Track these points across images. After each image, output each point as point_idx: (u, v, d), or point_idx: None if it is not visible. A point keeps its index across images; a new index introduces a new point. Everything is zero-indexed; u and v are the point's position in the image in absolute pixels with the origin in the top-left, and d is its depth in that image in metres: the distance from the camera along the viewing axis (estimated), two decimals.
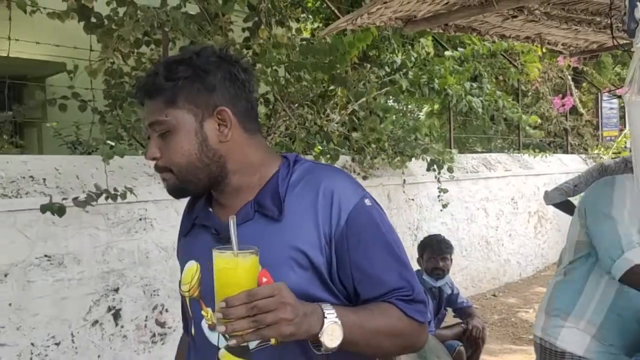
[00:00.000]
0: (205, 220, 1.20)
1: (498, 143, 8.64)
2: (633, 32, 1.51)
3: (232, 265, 0.96)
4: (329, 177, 1.14)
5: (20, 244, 2.69)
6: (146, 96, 1.14)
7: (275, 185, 1.14)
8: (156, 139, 1.13)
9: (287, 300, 0.94)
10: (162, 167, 1.14)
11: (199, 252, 1.18)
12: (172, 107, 1.11)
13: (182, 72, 1.11)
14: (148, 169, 3.33)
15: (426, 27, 2.28)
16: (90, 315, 2.92)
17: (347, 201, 1.11)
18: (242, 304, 0.92)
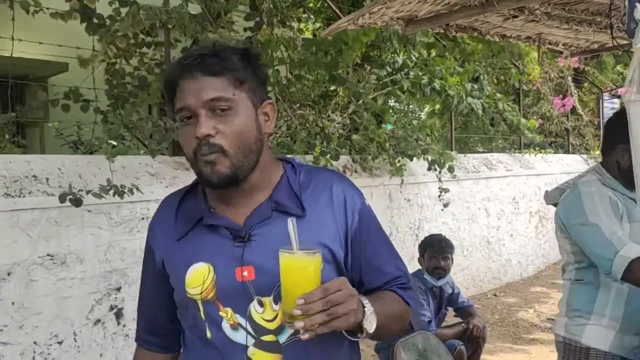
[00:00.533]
0: (213, 221, 1.18)
1: (499, 143, 8.64)
2: (633, 33, 1.51)
3: (306, 264, 1.03)
4: (337, 180, 1.25)
5: (23, 243, 2.70)
6: (208, 72, 1.11)
7: (287, 186, 1.20)
8: (210, 117, 1.11)
9: (353, 292, 1.03)
10: (216, 147, 1.10)
11: (210, 253, 1.16)
12: (239, 89, 1.13)
13: (251, 59, 1.17)
14: (150, 169, 3.35)
15: (427, 27, 2.29)
16: (92, 314, 2.93)
17: (356, 202, 1.23)
18: (319, 299, 0.97)
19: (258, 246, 1.14)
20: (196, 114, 1.11)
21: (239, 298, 1.13)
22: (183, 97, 1.12)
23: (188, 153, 1.14)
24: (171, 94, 1.17)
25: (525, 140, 7.88)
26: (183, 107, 1.12)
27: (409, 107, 7.17)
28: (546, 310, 5.61)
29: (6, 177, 2.78)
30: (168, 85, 1.17)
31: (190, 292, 1.16)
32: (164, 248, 1.23)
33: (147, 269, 1.30)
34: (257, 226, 1.15)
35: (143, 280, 1.33)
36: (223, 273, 1.14)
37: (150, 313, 1.31)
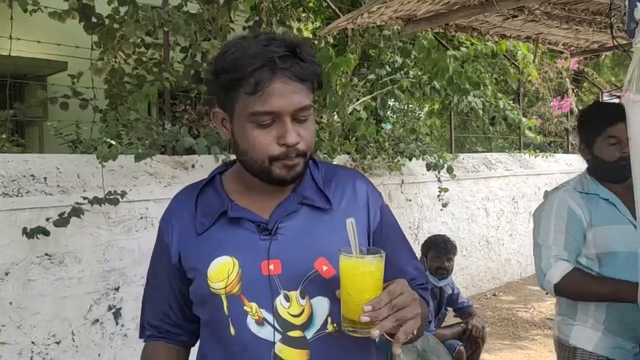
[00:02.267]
0: (238, 213, 1.15)
1: (499, 143, 8.64)
2: (633, 32, 1.50)
3: (373, 268, 0.99)
4: (359, 177, 1.26)
5: (20, 242, 2.70)
6: (298, 78, 1.07)
7: (312, 180, 1.20)
8: (293, 124, 1.08)
9: (415, 296, 1.01)
10: (301, 152, 1.09)
11: (234, 247, 1.13)
12: (312, 95, 1.12)
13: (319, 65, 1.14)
14: (149, 168, 3.34)
15: (427, 26, 2.28)
16: (90, 314, 2.93)
17: (377, 199, 1.24)
18: (386, 304, 0.95)
19: (285, 240, 1.13)
20: (281, 119, 1.07)
21: (265, 292, 1.11)
22: (270, 99, 1.05)
23: (262, 156, 1.09)
24: (237, 86, 1.07)
25: (524, 140, 7.88)
26: (269, 111, 1.06)
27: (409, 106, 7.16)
28: (545, 310, 5.61)
29: (4, 177, 2.77)
30: (242, 80, 1.06)
31: (214, 286, 1.12)
32: (182, 243, 1.19)
33: (158, 264, 1.25)
34: (283, 219, 1.14)
35: (153, 276, 1.27)
36: (248, 267, 1.12)
37: (161, 309, 1.25)
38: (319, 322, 1.12)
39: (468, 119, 7.77)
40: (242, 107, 1.08)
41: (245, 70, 1.05)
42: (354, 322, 0.97)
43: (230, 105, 1.11)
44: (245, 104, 1.07)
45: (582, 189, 2.02)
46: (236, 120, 1.12)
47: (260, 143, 1.08)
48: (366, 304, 0.94)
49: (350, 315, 0.98)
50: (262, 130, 1.08)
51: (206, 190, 1.22)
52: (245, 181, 1.18)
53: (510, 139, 8.52)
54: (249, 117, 1.07)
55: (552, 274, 1.92)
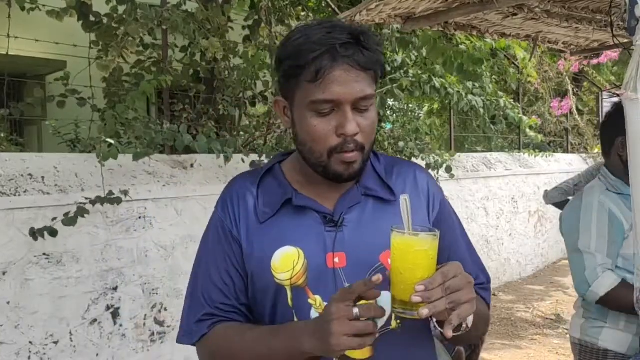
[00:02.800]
0: (303, 202, 1.13)
1: (498, 142, 8.63)
2: (633, 30, 1.49)
3: (426, 246, 0.95)
4: (419, 169, 1.24)
5: (18, 242, 2.68)
6: (360, 66, 1.04)
7: (373, 172, 1.18)
8: (353, 114, 1.05)
9: (470, 280, 0.96)
10: (360, 144, 1.07)
11: (299, 237, 1.10)
12: (374, 85, 1.09)
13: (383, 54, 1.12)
14: (147, 167, 3.33)
15: (426, 24, 2.27)
16: (88, 313, 2.91)
17: (438, 192, 1.22)
18: (439, 285, 0.91)
19: (350, 232, 1.10)
20: (341, 108, 1.04)
21: (329, 286, 1.08)
22: (330, 88, 1.03)
23: (321, 147, 1.07)
24: (298, 74, 1.06)
25: (524, 140, 7.87)
26: (329, 99, 1.03)
27: (409, 106, 7.15)
28: (545, 309, 5.60)
29: (2, 176, 2.76)
30: (304, 67, 1.04)
31: (279, 277, 1.09)
32: (245, 230, 1.15)
33: (218, 250, 1.18)
34: (347, 211, 1.12)
35: (211, 263, 1.18)
36: (313, 258, 1.09)
37: (225, 293, 1.16)
38: (383, 318, 1.06)
39: (468, 118, 7.76)
40: (303, 95, 1.07)
41: (306, 57, 1.03)
42: (404, 302, 0.93)
43: (291, 93, 1.10)
44: (305, 92, 1.06)
45: (615, 190, 1.96)
46: (296, 109, 1.10)
47: (319, 133, 1.06)
48: (418, 284, 0.91)
49: (400, 295, 0.94)
50: (321, 120, 1.06)
51: (267, 179, 1.19)
52: (305, 171, 1.16)
53: (510, 139, 8.51)
54: (309, 106, 1.06)
55: (599, 286, 1.87)
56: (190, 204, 3.38)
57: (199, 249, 1.24)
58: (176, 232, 3.30)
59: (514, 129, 8.27)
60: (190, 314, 1.18)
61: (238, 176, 1.25)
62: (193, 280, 1.21)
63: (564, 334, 4.85)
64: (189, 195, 3.38)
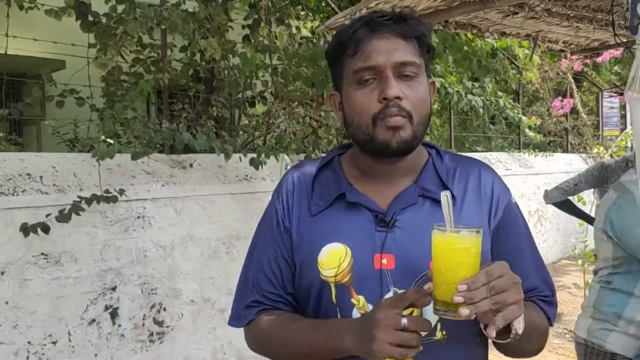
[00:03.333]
0: (357, 198, 1.10)
1: (498, 142, 8.62)
2: (636, 29, 1.48)
3: (468, 245, 0.92)
4: (485, 169, 1.18)
5: (17, 242, 2.67)
6: (400, 34, 1.05)
7: (434, 171, 1.14)
8: (396, 81, 1.04)
9: (517, 279, 0.92)
10: (405, 111, 1.03)
11: (348, 234, 1.08)
12: (422, 57, 1.08)
13: (431, 33, 1.12)
14: (146, 167, 3.32)
15: None
16: (87, 313, 2.90)
17: (503, 195, 1.16)
18: (483, 285, 0.87)
19: (402, 234, 1.06)
20: (382, 75, 1.04)
21: (374, 287, 1.05)
22: (369, 56, 1.04)
23: (365, 117, 1.05)
24: (341, 52, 1.09)
25: (524, 140, 7.87)
26: (369, 66, 1.04)
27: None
28: None
29: (0, 175, 2.75)
30: (345, 43, 1.07)
31: (324, 273, 1.07)
32: (296, 221, 1.14)
33: (269, 239, 1.17)
34: (401, 211, 1.08)
35: (261, 250, 1.18)
36: (360, 257, 1.06)
37: (273, 281, 1.16)
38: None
39: (468, 118, 7.75)
40: (347, 71, 1.08)
41: (347, 33, 1.07)
42: (447, 303, 0.90)
43: (339, 77, 1.11)
44: (349, 66, 1.07)
45: None
46: (344, 91, 1.10)
47: (362, 102, 1.05)
48: (460, 283, 0.87)
49: (442, 296, 0.91)
50: (364, 90, 1.05)
51: (325, 171, 1.18)
52: (361, 165, 1.14)
53: (509, 139, 8.50)
54: (352, 79, 1.06)
55: None
56: (189, 203, 3.37)
57: (254, 236, 1.23)
58: (175, 231, 3.29)
59: (514, 129, 8.26)
60: (240, 299, 1.19)
61: (296, 165, 1.24)
62: (245, 267, 1.21)
63: (564, 334, 4.84)
64: (188, 194, 3.37)
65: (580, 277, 5.27)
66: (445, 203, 0.96)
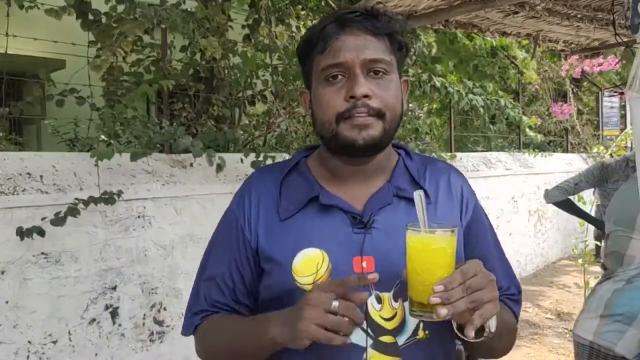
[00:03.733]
0: (330, 200, 1.05)
1: (499, 142, 8.62)
2: (637, 28, 1.48)
3: (444, 244, 0.90)
4: (454, 171, 1.18)
5: (17, 241, 2.67)
6: (370, 31, 1.02)
7: (406, 171, 1.12)
8: (365, 79, 1.01)
9: (492, 278, 0.91)
10: (374, 109, 1.00)
11: (323, 238, 1.03)
12: (393, 55, 1.05)
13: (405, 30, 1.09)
14: (146, 167, 3.31)
15: (427, 22, 2.26)
16: (87, 313, 2.90)
17: (472, 197, 1.16)
18: (459, 284, 0.86)
19: (380, 235, 1.03)
20: (351, 73, 1.01)
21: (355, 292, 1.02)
22: (338, 52, 1.01)
23: (329, 114, 1.02)
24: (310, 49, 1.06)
25: (524, 139, 7.87)
26: (337, 63, 1.01)
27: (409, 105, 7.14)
28: (545, 309, 5.59)
29: (0, 175, 2.75)
30: (314, 39, 1.04)
31: (301, 280, 1.01)
32: (263, 228, 1.08)
33: (225, 248, 1.12)
34: (377, 212, 1.05)
35: (217, 260, 1.13)
36: (339, 262, 1.02)
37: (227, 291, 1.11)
38: (410, 328, 1.03)
39: (468, 118, 7.75)
40: (316, 68, 1.05)
41: (316, 29, 1.04)
42: (423, 305, 0.88)
43: (309, 74, 1.08)
44: (318, 63, 1.04)
45: None
46: (313, 89, 1.07)
47: (328, 100, 1.02)
48: (437, 284, 0.86)
49: (418, 297, 0.89)
50: (331, 87, 1.02)
51: (293, 174, 1.12)
52: (330, 167, 1.10)
53: (509, 138, 8.50)
54: (320, 76, 1.04)
55: None
56: (189, 203, 3.37)
57: (209, 242, 1.18)
58: (175, 231, 3.29)
59: (514, 129, 8.26)
60: (191, 306, 1.16)
61: (258, 170, 1.19)
62: (199, 273, 1.17)
63: (564, 334, 4.84)
64: (188, 194, 3.37)
65: (580, 277, 5.27)
66: (418, 202, 0.93)
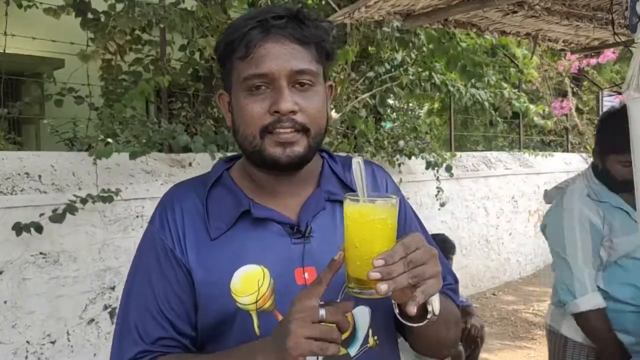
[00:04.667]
0: (263, 213, 0.99)
1: (499, 142, 8.61)
2: (635, 27, 1.47)
3: (384, 215, 0.83)
4: (376, 166, 1.15)
5: (15, 241, 2.67)
6: (297, 39, 0.95)
7: (333, 175, 1.08)
8: (291, 91, 0.95)
9: (434, 252, 0.85)
10: (299, 124, 0.95)
11: (261, 253, 0.96)
12: (319, 64, 0.99)
13: (333, 34, 1.04)
14: (145, 166, 3.31)
15: (425, 22, 2.25)
16: (86, 313, 2.90)
17: (397, 190, 1.13)
18: (401, 258, 0.80)
19: (318, 243, 0.98)
20: (275, 85, 0.94)
21: None
22: (262, 62, 0.94)
23: (252, 128, 0.96)
24: (230, 52, 0.98)
25: (524, 139, 7.86)
26: (261, 73, 0.94)
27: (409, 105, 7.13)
28: (545, 309, 5.59)
29: None
30: (235, 43, 0.96)
31: (242, 301, 0.94)
32: (192, 249, 0.98)
33: (155, 274, 1.00)
34: (312, 219, 1.00)
35: (146, 291, 1.00)
36: (280, 276, 0.96)
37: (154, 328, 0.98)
38: (361, 336, 0.99)
39: (469, 117, 7.74)
40: (237, 75, 0.98)
41: (238, 32, 0.96)
42: (362, 281, 0.82)
43: (229, 78, 1.01)
44: (238, 71, 0.97)
45: (594, 196, 1.97)
46: (233, 95, 1.00)
47: (251, 112, 0.95)
48: (377, 258, 0.80)
49: (356, 273, 0.83)
50: (254, 98, 0.95)
51: (217, 189, 1.04)
52: (255, 179, 1.04)
53: (510, 138, 8.50)
54: (241, 85, 0.96)
55: (584, 302, 1.89)
56: None
57: (130, 272, 1.05)
58: None
59: (514, 128, 8.25)
60: (122, 350, 0.99)
61: (175, 187, 1.08)
62: (124, 309, 1.02)
63: None
64: None
65: None
66: (357, 170, 0.87)
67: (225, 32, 1.01)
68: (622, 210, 1.94)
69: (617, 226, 1.93)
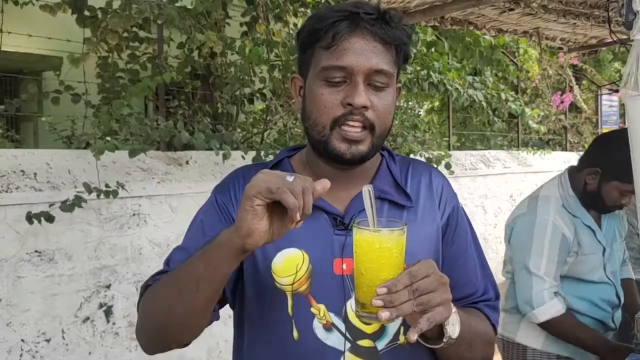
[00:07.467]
0: (315, 202, 0.98)
1: (498, 141, 8.61)
2: (631, 24, 1.46)
3: (390, 244, 0.85)
4: (435, 171, 1.16)
5: (10, 239, 2.66)
6: (381, 39, 0.97)
7: (389, 174, 1.10)
8: (365, 88, 0.97)
9: (445, 280, 0.86)
10: (368, 121, 0.98)
11: (304, 239, 1.00)
12: (395, 65, 1.02)
13: (411, 40, 1.05)
14: (142, 164, 3.30)
15: (421, 19, 2.24)
16: (81, 311, 2.89)
17: (452, 197, 1.13)
18: (405, 287, 0.82)
19: None
20: (352, 79, 0.97)
21: (335, 294, 0.99)
22: (344, 54, 0.96)
23: (325, 118, 0.99)
24: (314, 40, 1.00)
25: (524, 137, 7.85)
26: (341, 66, 0.96)
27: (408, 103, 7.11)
28: None
29: None
30: (320, 32, 0.98)
31: (280, 281, 0.99)
32: None
33: (210, 223, 1.05)
34: (359, 214, 1.00)
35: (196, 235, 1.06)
36: (319, 263, 0.99)
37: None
38: (391, 332, 1.01)
39: (467, 116, 7.73)
40: (316, 63, 1.00)
41: (326, 21, 0.98)
42: (367, 306, 0.84)
43: (306, 64, 1.03)
44: (319, 58, 0.99)
45: (569, 208, 1.95)
46: (309, 81, 1.03)
47: (325, 102, 0.98)
48: (380, 286, 0.81)
49: (362, 298, 0.85)
50: (330, 89, 0.98)
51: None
52: (314, 168, 1.07)
53: (508, 137, 8.48)
54: (320, 74, 0.99)
55: (542, 312, 1.88)
56: (185, 201, 3.35)
57: (191, 222, 1.11)
58: (170, 229, 3.27)
59: (512, 127, 8.24)
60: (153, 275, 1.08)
61: (241, 167, 1.15)
62: (178, 248, 1.11)
63: None
64: (183, 192, 3.35)
65: None
66: (367, 198, 0.89)
67: (310, 18, 1.04)
68: (590, 230, 1.94)
69: (585, 244, 1.92)
